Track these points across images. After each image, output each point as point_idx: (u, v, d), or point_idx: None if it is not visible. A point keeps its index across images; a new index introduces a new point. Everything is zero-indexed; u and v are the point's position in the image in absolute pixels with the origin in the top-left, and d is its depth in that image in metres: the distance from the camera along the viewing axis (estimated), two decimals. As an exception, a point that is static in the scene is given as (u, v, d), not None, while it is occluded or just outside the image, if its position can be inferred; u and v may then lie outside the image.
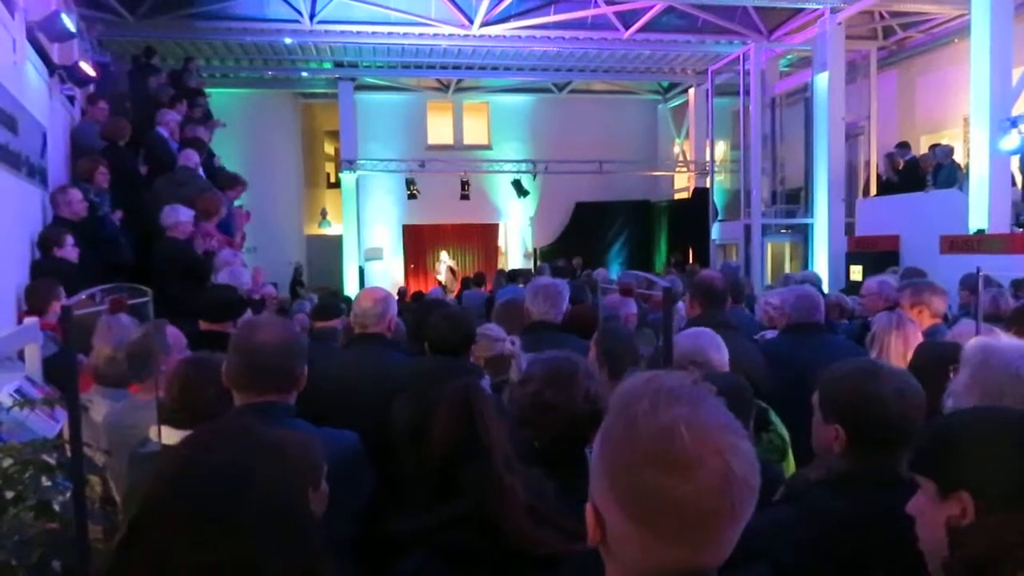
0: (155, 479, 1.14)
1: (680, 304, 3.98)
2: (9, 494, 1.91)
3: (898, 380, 1.78)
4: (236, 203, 7.76)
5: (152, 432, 2.19)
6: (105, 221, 6.12)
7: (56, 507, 1.97)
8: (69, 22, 6.48)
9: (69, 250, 5.25)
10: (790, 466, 2.55)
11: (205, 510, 1.07)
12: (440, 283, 16.37)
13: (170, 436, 2.11)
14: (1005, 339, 2.16)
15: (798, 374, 3.13)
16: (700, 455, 0.88)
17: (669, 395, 0.93)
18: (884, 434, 1.71)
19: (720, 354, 2.69)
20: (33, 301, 4.47)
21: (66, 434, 1.95)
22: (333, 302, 5.33)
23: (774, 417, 2.65)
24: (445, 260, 17.64)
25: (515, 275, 10.75)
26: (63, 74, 6.97)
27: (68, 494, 1.92)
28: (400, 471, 2.28)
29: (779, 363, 3.26)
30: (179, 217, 5.71)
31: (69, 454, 1.85)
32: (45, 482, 1.94)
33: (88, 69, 7.24)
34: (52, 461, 2.02)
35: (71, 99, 7.53)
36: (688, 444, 0.88)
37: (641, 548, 0.92)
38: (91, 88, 7.84)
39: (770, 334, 4.25)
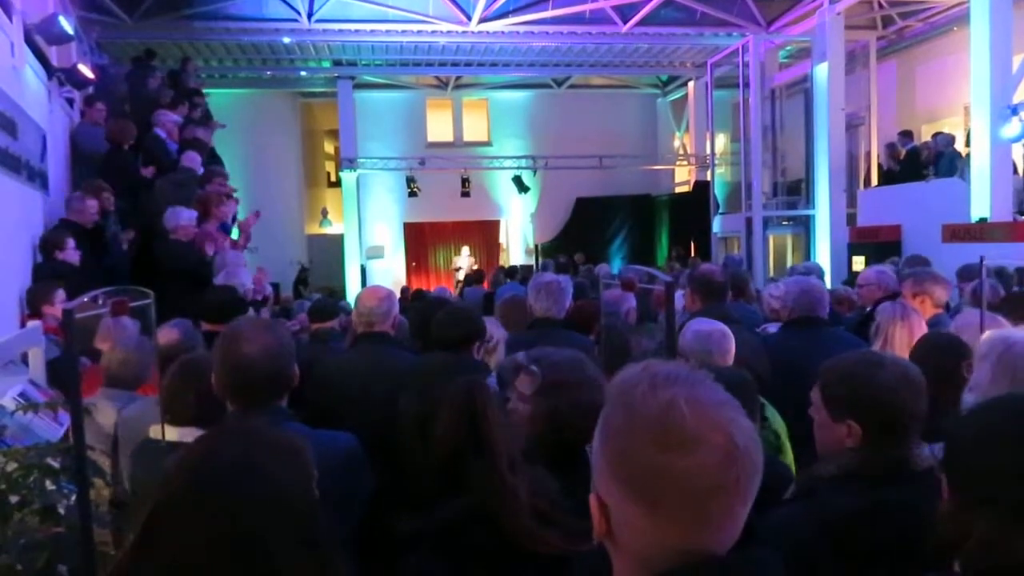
0: (166, 481, 1.16)
1: (678, 295, 3.95)
2: (14, 499, 1.91)
3: (901, 368, 1.78)
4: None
5: (153, 431, 2.21)
6: (112, 248, 6.10)
7: (61, 511, 1.97)
8: (67, 24, 6.48)
9: (71, 253, 5.25)
10: (788, 461, 2.54)
11: (219, 508, 1.09)
12: (458, 279, 16.23)
13: (169, 434, 2.12)
14: (1018, 330, 2.17)
15: (799, 368, 3.14)
16: (701, 429, 0.88)
17: (667, 378, 0.93)
18: (897, 423, 1.71)
19: (725, 359, 2.67)
20: (29, 304, 4.50)
21: (70, 437, 1.95)
22: (330, 303, 5.31)
23: (769, 412, 2.63)
24: (466, 255, 17.52)
25: (513, 271, 10.74)
26: (62, 77, 6.97)
27: (73, 498, 1.93)
28: (406, 468, 2.28)
29: (780, 357, 3.24)
30: (180, 220, 5.71)
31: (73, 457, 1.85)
32: (50, 486, 1.94)
33: (87, 71, 7.24)
34: (56, 465, 2.02)
35: (70, 102, 7.53)
36: (688, 419, 0.88)
37: (648, 533, 0.90)
38: (90, 90, 7.83)
39: (772, 327, 4.23)
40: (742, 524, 0.91)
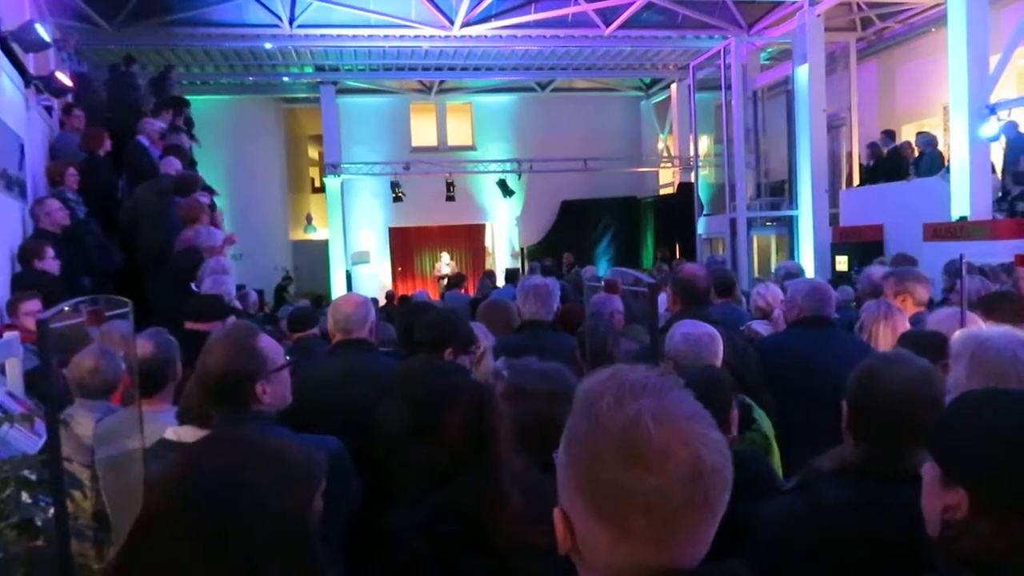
0: (152, 491, 1.12)
1: (661, 296, 3.95)
2: (-10, 512, 1.87)
3: (909, 373, 1.75)
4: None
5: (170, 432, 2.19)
6: (90, 227, 6.03)
7: (40, 524, 1.94)
8: (44, 32, 6.41)
9: (50, 262, 5.18)
10: (775, 462, 2.54)
11: (204, 520, 1.06)
12: (442, 285, 16.16)
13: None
14: (987, 327, 2.17)
15: (806, 366, 3.14)
16: (667, 446, 0.85)
17: (633, 388, 0.89)
18: (884, 428, 1.70)
19: (714, 362, 2.65)
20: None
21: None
22: (308, 311, 5.30)
23: (757, 414, 2.62)
24: (446, 261, 17.49)
25: (511, 275, 10.87)
26: (39, 84, 6.89)
27: (51, 511, 1.89)
28: (392, 471, 2.27)
29: (787, 356, 3.26)
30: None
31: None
32: (26, 499, 1.90)
33: (65, 79, 7.15)
34: (34, 477, 1.98)
35: (49, 110, 7.45)
36: (654, 435, 0.85)
37: (612, 551, 0.87)
38: (68, 98, 7.75)
39: (756, 324, 4.23)
40: (711, 538, 0.89)
